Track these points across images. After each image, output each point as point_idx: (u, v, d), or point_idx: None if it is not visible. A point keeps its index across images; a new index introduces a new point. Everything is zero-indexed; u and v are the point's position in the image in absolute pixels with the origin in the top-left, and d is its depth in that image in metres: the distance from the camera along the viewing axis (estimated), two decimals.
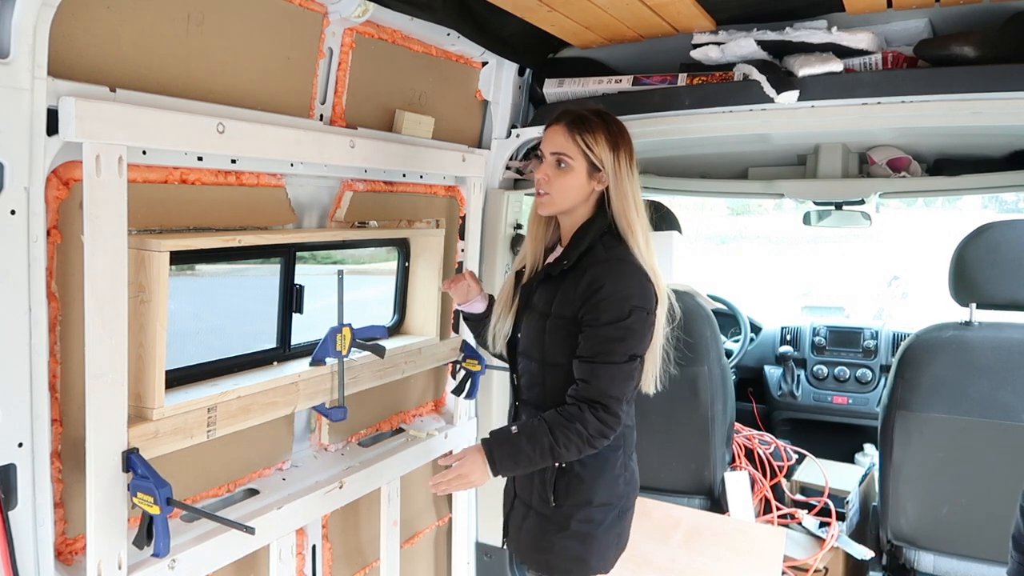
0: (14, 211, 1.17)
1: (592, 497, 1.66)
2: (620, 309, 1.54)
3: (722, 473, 2.66)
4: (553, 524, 1.67)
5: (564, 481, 1.65)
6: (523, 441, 1.56)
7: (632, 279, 1.58)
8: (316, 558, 1.96)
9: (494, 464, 1.58)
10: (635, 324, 1.55)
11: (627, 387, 1.57)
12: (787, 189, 2.82)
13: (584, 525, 1.66)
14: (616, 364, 1.54)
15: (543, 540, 1.69)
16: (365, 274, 2.35)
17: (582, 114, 1.63)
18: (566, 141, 1.61)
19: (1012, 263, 2.10)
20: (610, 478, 1.67)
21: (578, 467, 1.65)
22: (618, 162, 1.61)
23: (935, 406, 2.17)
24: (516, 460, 1.58)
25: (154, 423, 1.44)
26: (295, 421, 1.93)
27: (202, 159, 1.51)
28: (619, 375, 1.55)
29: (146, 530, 1.39)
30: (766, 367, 3.53)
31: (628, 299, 1.55)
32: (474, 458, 1.60)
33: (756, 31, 2.07)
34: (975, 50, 1.87)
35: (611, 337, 1.55)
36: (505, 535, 1.82)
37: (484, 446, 1.60)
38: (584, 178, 1.62)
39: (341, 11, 1.70)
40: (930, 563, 2.27)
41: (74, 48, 1.25)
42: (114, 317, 1.30)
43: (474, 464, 1.59)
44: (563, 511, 1.66)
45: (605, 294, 1.54)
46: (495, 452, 1.59)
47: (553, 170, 1.63)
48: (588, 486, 1.65)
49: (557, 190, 1.63)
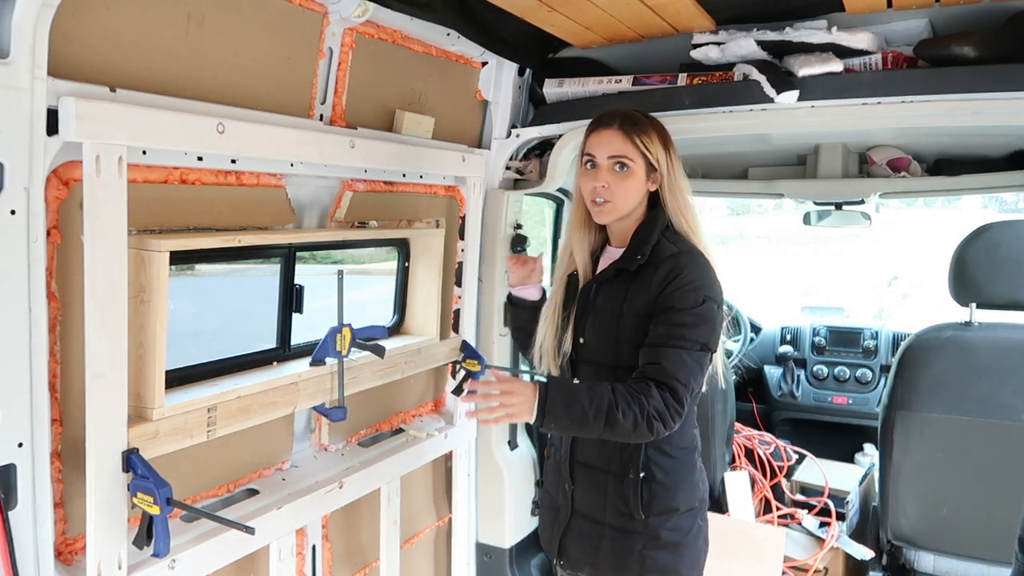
0: (14, 211, 1.17)
1: (679, 504, 1.60)
2: (695, 297, 1.52)
3: (722, 473, 2.66)
4: (641, 538, 1.59)
5: (648, 489, 1.59)
6: (583, 392, 1.46)
7: (707, 270, 1.57)
8: (316, 558, 1.96)
9: (544, 406, 1.44)
10: (708, 313, 1.53)
11: (696, 376, 1.51)
12: (787, 189, 2.82)
13: (674, 534, 1.60)
14: (687, 350, 1.49)
15: (630, 558, 1.60)
16: (365, 274, 2.35)
17: (632, 115, 1.62)
18: (624, 143, 1.59)
19: (1012, 263, 2.10)
20: (691, 482, 1.63)
21: (661, 474, 1.59)
22: (671, 160, 1.62)
23: (935, 406, 2.17)
24: (568, 410, 1.44)
25: (154, 423, 1.44)
26: (295, 421, 1.93)
27: (202, 159, 1.51)
28: (689, 361, 1.49)
29: (146, 530, 1.39)
30: (766, 367, 3.54)
31: (702, 288, 1.54)
32: (525, 393, 1.45)
33: (756, 31, 2.07)
34: (975, 50, 1.87)
35: (684, 323, 1.51)
36: (559, 556, 1.71)
37: (540, 387, 1.47)
38: (643, 179, 1.61)
39: (341, 11, 1.70)
40: (930, 563, 2.27)
41: (74, 48, 1.25)
42: (114, 317, 1.30)
43: (524, 400, 1.44)
44: (651, 522, 1.59)
45: (681, 282, 1.53)
46: (551, 394, 1.45)
47: (612, 175, 1.59)
48: (673, 492, 1.60)
49: (619, 195, 1.60)
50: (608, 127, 1.61)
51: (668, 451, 1.61)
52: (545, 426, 1.46)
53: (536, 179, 2.51)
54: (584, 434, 1.52)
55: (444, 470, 2.51)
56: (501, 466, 2.53)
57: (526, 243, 2.56)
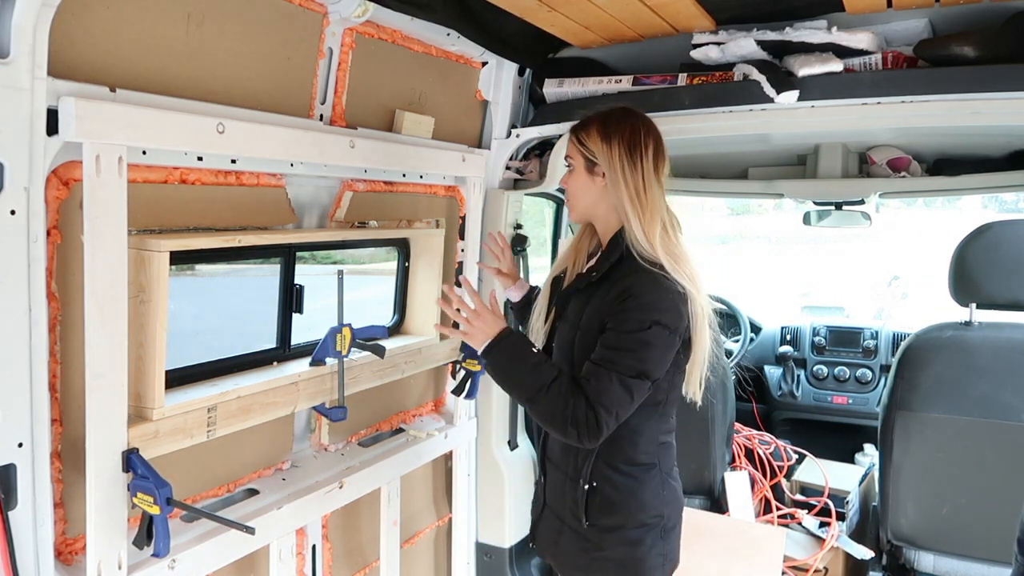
0: (14, 211, 1.17)
1: (626, 520, 1.59)
2: (641, 320, 1.47)
3: (722, 473, 2.66)
4: (589, 543, 1.61)
5: (596, 501, 1.59)
6: (532, 358, 1.50)
7: (662, 293, 1.50)
8: (316, 558, 1.96)
9: (492, 347, 1.51)
10: (653, 339, 1.47)
11: (622, 403, 1.46)
12: (787, 189, 2.82)
13: (621, 547, 1.59)
14: (620, 375, 1.45)
15: (581, 558, 1.63)
16: (365, 274, 2.35)
17: (586, 115, 1.64)
18: (570, 143, 1.64)
19: (1012, 263, 2.10)
20: (645, 498, 1.59)
21: (609, 489, 1.58)
22: (611, 152, 1.56)
23: (935, 406, 2.17)
24: (510, 363, 1.51)
25: (154, 423, 1.44)
26: (295, 421, 1.93)
27: (202, 159, 1.51)
28: (619, 388, 1.45)
29: (146, 530, 1.39)
30: (766, 367, 3.54)
31: (651, 312, 1.48)
32: (489, 325, 1.52)
33: (756, 31, 2.07)
34: (975, 50, 1.87)
35: (623, 347, 1.47)
36: (533, 540, 1.78)
37: (504, 330, 1.52)
38: (585, 175, 1.61)
39: (341, 11, 1.70)
40: (930, 563, 2.27)
41: (74, 48, 1.25)
42: (114, 317, 1.30)
43: (484, 329, 1.52)
44: (596, 531, 1.60)
45: (631, 304, 1.48)
46: (506, 340, 1.51)
47: (567, 175, 1.67)
48: (618, 507, 1.59)
49: (571, 193, 1.66)
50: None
51: (619, 466, 1.59)
52: (487, 362, 1.54)
53: (536, 179, 2.51)
54: (512, 394, 1.57)
55: (444, 470, 2.51)
56: (501, 466, 2.53)
57: (526, 243, 2.56)
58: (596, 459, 1.59)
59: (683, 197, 3.64)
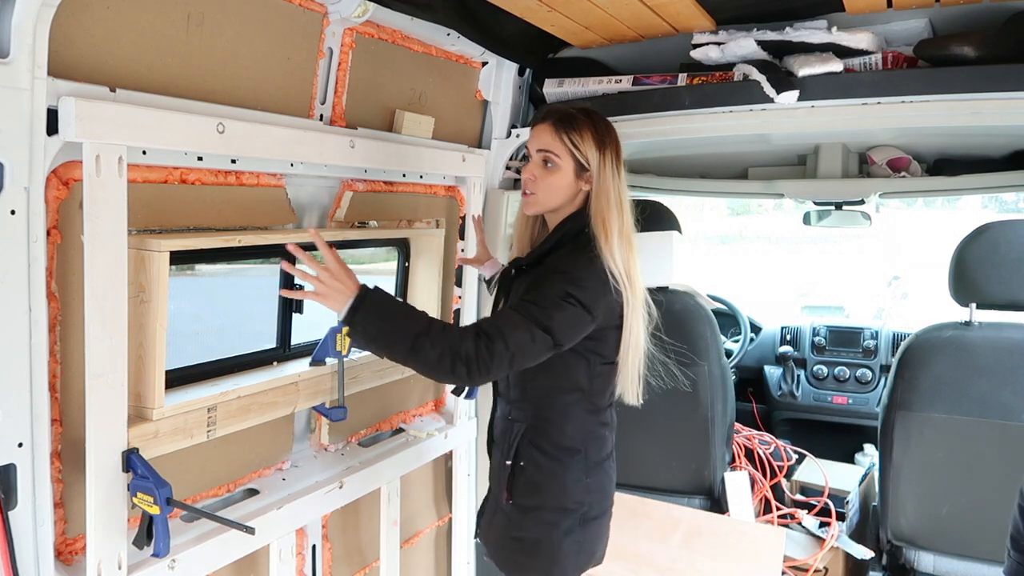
0: (14, 211, 1.17)
1: (544, 500, 1.62)
2: (561, 290, 1.48)
3: (722, 473, 2.66)
4: (510, 522, 1.65)
5: (521, 481, 1.63)
6: (400, 309, 1.44)
7: (586, 273, 1.52)
8: (316, 558, 1.96)
9: (357, 307, 1.39)
10: (567, 309, 1.47)
11: (523, 345, 1.43)
12: (787, 189, 2.82)
13: (538, 527, 1.62)
14: (526, 319, 1.45)
15: (503, 537, 1.68)
16: (365, 274, 2.34)
17: (569, 112, 1.60)
18: (553, 139, 1.58)
19: (1012, 263, 2.10)
20: (567, 482, 1.62)
21: (531, 468, 1.62)
22: (603, 161, 1.58)
23: (935, 406, 2.17)
24: (381, 320, 1.40)
25: (154, 423, 1.44)
26: (295, 421, 1.93)
27: (202, 159, 1.51)
28: (523, 327, 1.44)
29: (146, 530, 1.39)
30: (766, 367, 3.53)
31: (572, 285, 1.49)
32: (347, 284, 1.40)
33: (756, 31, 2.07)
34: (975, 50, 1.87)
35: (536, 301, 1.48)
36: (478, 527, 1.81)
37: (363, 288, 1.42)
38: (571, 178, 1.59)
39: (341, 11, 1.70)
40: (930, 563, 2.27)
41: (74, 48, 1.25)
42: (114, 317, 1.30)
43: (341, 289, 1.40)
44: (517, 510, 1.64)
45: (557, 277, 1.51)
46: (370, 296, 1.40)
47: (540, 169, 1.60)
48: (538, 488, 1.62)
49: (543, 189, 1.61)
50: (543, 122, 1.61)
51: (543, 447, 1.62)
52: (354, 328, 1.40)
53: None
54: (389, 354, 1.44)
55: (444, 470, 2.51)
56: None
57: None
58: (523, 438, 1.63)
59: (683, 197, 3.64)
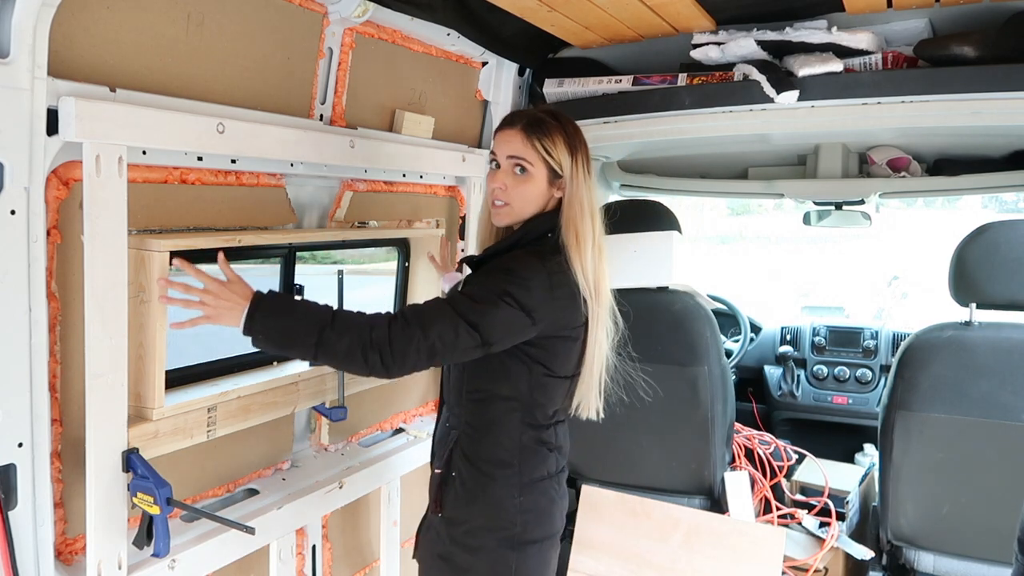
0: (14, 211, 1.17)
1: (472, 514, 1.50)
2: (498, 287, 1.39)
3: (722, 473, 2.65)
4: (439, 538, 1.54)
5: (451, 492, 1.52)
6: (300, 306, 1.35)
7: (533, 275, 1.42)
8: (316, 558, 1.96)
9: (254, 315, 1.30)
10: (501, 306, 1.37)
11: (443, 336, 1.34)
12: (787, 189, 2.82)
13: (465, 549, 1.50)
14: (455, 312, 1.36)
15: (431, 555, 1.56)
16: (365, 274, 2.35)
17: (538, 116, 1.51)
18: (524, 145, 1.48)
19: (1012, 263, 2.10)
20: (497, 499, 1.50)
21: (458, 480, 1.51)
22: (575, 167, 1.50)
23: (935, 406, 2.17)
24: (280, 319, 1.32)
25: (154, 423, 1.44)
26: (295, 421, 1.93)
27: (202, 159, 1.51)
28: (449, 320, 1.35)
29: (146, 530, 1.39)
30: (766, 367, 3.53)
31: (512, 284, 1.39)
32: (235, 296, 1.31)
33: (756, 31, 2.07)
34: (975, 50, 1.87)
35: (466, 294, 1.41)
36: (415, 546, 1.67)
37: (255, 294, 1.33)
38: (544, 185, 1.50)
39: (341, 11, 1.70)
40: (930, 563, 2.27)
41: (74, 48, 1.25)
42: (114, 317, 1.30)
43: (232, 304, 1.31)
44: (445, 523, 1.53)
45: (498, 271, 1.44)
46: (264, 300, 1.32)
47: (511, 178, 1.50)
48: (464, 502, 1.51)
49: (517, 198, 1.50)
50: (511, 127, 1.51)
51: (471, 458, 1.51)
52: (255, 337, 1.32)
53: None
54: (298, 352, 1.38)
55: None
56: None
57: None
58: (456, 446, 1.53)
59: (683, 197, 3.64)
